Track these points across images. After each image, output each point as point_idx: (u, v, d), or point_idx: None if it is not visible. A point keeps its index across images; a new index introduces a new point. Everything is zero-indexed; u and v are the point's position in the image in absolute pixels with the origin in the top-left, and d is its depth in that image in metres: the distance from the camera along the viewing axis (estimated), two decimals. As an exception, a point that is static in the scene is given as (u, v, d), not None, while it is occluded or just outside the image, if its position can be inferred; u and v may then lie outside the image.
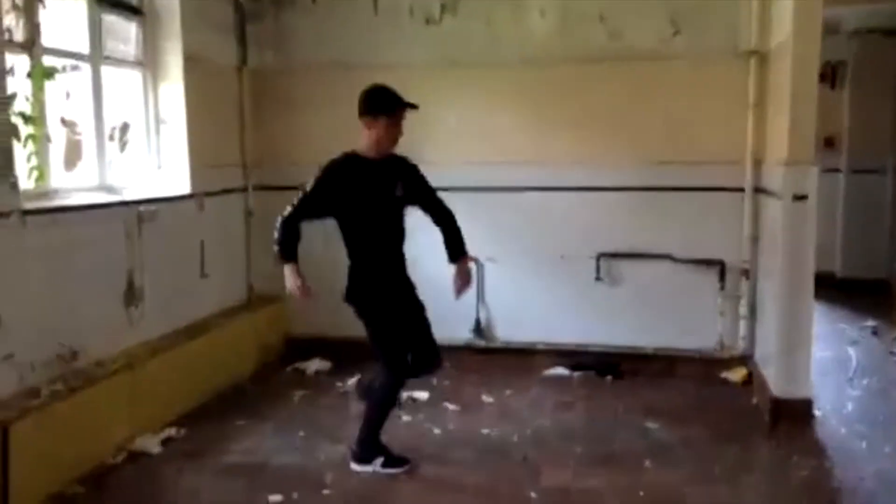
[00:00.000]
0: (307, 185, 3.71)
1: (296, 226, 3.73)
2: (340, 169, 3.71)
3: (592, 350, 5.49)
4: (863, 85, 8.17)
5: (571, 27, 5.36)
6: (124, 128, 4.84)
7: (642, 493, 3.64)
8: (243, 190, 5.79)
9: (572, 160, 5.45)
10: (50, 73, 4.17)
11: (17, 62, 3.90)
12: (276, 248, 3.76)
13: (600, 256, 5.44)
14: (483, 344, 5.66)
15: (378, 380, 3.87)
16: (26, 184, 3.93)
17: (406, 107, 3.69)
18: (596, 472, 3.86)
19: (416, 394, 4.97)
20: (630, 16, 5.28)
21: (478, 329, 5.64)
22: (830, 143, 8.23)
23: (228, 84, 5.66)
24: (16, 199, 3.65)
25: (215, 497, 3.66)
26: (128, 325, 4.47)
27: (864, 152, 8.22)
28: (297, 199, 3.73)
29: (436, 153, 5.36)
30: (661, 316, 5.41)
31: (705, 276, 5.33)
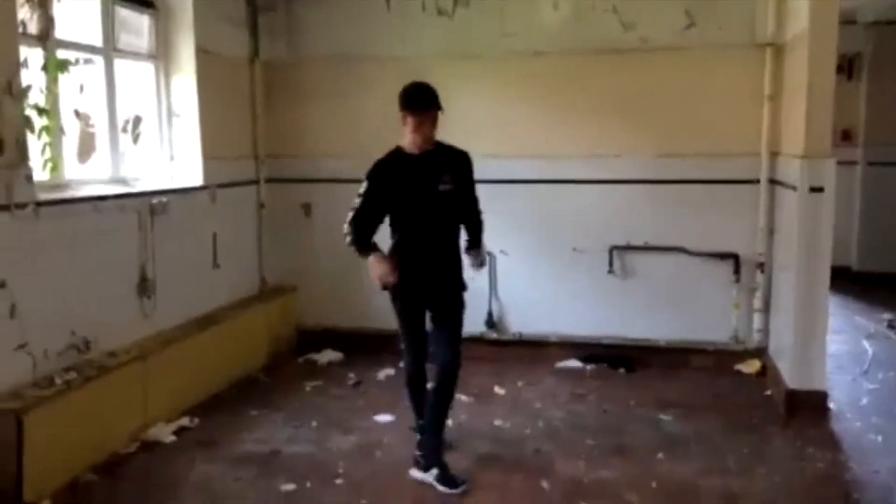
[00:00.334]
0: (360, 188, 3.69)
1: (360, 225, 3.66)
2: (384, 167, 3.70)
3: (605, 342, 5.48)
4: (880, 77, 8.09)
5: (584, 18, 5.33)
6: (137, 120, 4.86)
7: (655, 484, 3.62)
8: (255, 182, 5.81)
9: (584, 153, 5.43)
10: (64, 65, 4.19)
11: (32, 55, 3.92)
12: (352, 250, 3.67)
13: (613, 249, 5.42)
14: (496, 336, 5.65)
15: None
16: (41, 175, 3.96)
17: (420, 109, 3.58)
18: (608, 464, 3.85)
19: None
20: (644, 7, 5.25)
21: (490, 321, 5.63)
22: (847, 136, 8.16)
23: (240, 76, 5.68)
24: (30, 191, 3.68)
25: (228, 486, 3.68)
26: (141, 316, 4.50)
27: (880, 145, 8.14)
28: (354, 202, 3.69)
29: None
30: (675, 309, 5.39)
31: (720, 269, 5.29)
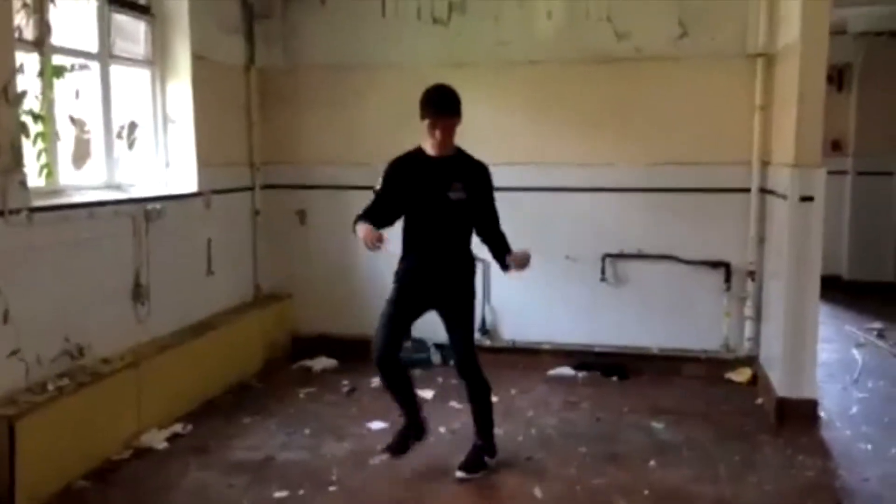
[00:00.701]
0: (377, 184, 3.75)
1: (373, 213, 3.70)
2: (400, 164, 3.75)
3: (597, 350, 5.50)
4: (870, 87, 8.17)
5: (579, 28, 5.37)
6: (132, 126, 4.86)
7: (647, 492, 3.64)
8: (250, 189, 5.82)
9: (578, 160, 5.46)
10: (60, 71, 4.21)
11: (28, 60, 3.93)
12: (355, 233, 3.66)
13: (606, 257, 5.45)
14: (489, 343, 5.66)
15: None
16: (36, 181, 3.96)
17: (451, 113, 3.61)
18: (601, 472, 3.87)
19: (421, 392, 4.97)
20: (638, 17, 5.29)
21: (484, 328, 5.65)
22: (837, 146, 8.22)
23: (236, 83, 5.69)
24: (25, 197, 3.67)
25: (221, 493, 3.67)
26: (135, 322, 4.50)
27: (870, 155, 8.21)
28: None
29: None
30: (667, 317, 5.42)
31: (711, 277, 5.33)
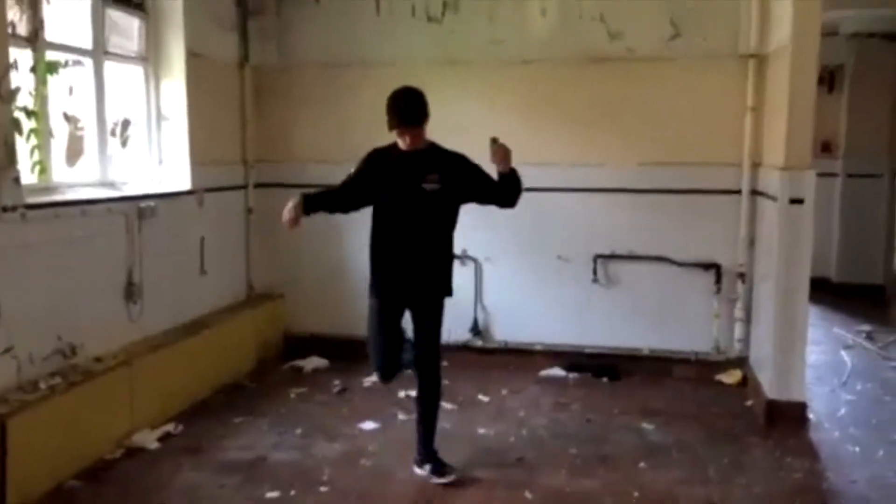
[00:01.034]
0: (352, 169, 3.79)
1: (330, 193, 3.75)
2: (375, 156, 3.77)
3: (589, 351, 5.52)
4: (861, 89, 8.20)
5: (572, 27, 5.39)
6: (126, 123, 4.85)
7: (637, 493, 3.67)
8: (244, 187, 5.81)
9: (569, 161, 5.47)
10: (53, 67, 4.19)
11: (21, 56, 3.91)
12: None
13: (597, 258, 5.47)
14: (480, 344, 5.68)
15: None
16: (29, 178, 3.95)
17: (413, 125, 3.59)
18: (591, 473, 3.89)
19: (413, 392, 4.97)
20: (631, 17, 5.31)
21: (475, 329, 5.66)
22: (827, 148, 8.26)
23: (230, 81, 5.68)
24: (18, 194, 3.66)
25: (213, 493, 3.68)
26: (127, 321, 4.49)
27: (860, 157, 8.25)
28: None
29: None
30: (658, 318, 5.44)
31: (701, 279, 5.36)
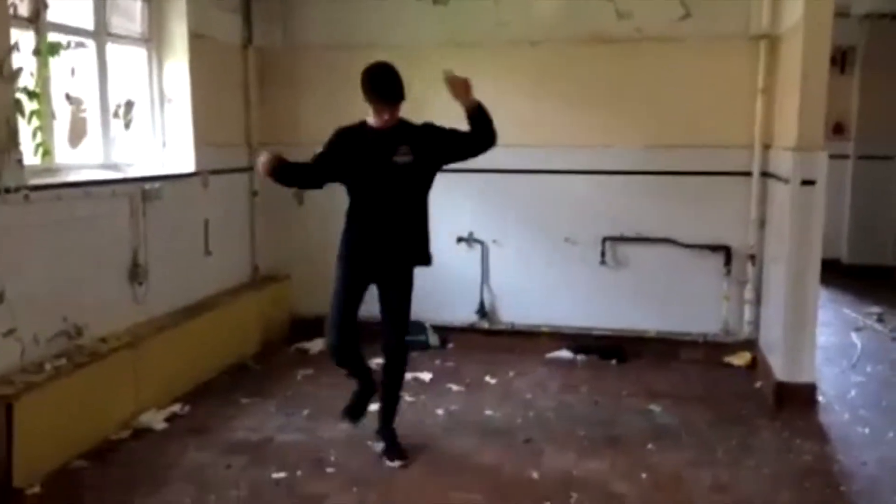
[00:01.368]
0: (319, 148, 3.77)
1: (306, 167, 3.75)
2: (346, 133, 3.75)
3: (596, 333, 5.49)
4: (873, 70, 8.09)
5: (579, 7, 5.31)
6: (129, 105, 4.82)
7: (644, 475, 3.65)
8: (248, 169, 5.78)
9: (577, 143, 5.42)
10: (55, 49, 4.15)
11: (23, 38, 3.88)
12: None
13: (605, 240, 5.42)
14: (487, 326, 5.66)
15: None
16: (31, 160, 3.93)
17: (393, 101, 3.59)
18: (599, 455, 3.87)
19: (419, 374, 4.98)
20: (639, -4, 5.23)
21: (482, 311, 5.64)
22: (839, 129, 8.17)
23: (234, 62, 5.64)
24: (21, 175, 3.65)
25: (219, 474, 3.68)
26: (132, 303, 4.49)
27: (872, 139, 8.16)
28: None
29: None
30: (666, 300, 5.41)
31: (710, 261, 5.31)
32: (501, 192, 5.56)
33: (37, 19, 3.96)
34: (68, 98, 4.35)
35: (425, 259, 3.86)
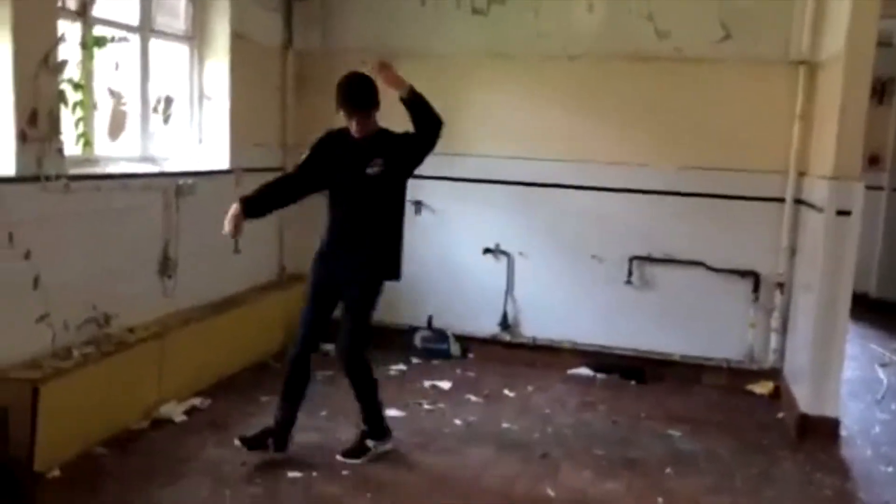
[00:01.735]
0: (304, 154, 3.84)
1: (281, 183, 3.82)
2: (326, 140, 3.81)
3: (618, 352, 5.46)
4: (912, 102, 7.97)
5: (619, 24, 5.30)
6: (168, 101, 4.88)
7: (661, 499, 3.61)
8: (281, 169, 5.81)
9: (610, 160, 5.40)
10: (101, 42, 4.23)
11: (70, 30, 3.95)
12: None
13: (633, 259, 5.39)
14: (509, 338, 5.65)
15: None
16: (72, 150, 4.00)
17: (362, 109, 3.64)
18: (616, 475, 3.84)
19: (439, 383, 4.99)
20: (680, 16, 5.20)
21: (505, 323, 5.63)
22: (874, 161, 8.03)
23: (273, 64, 5.70)
24: (61, 164, 3.72)
25: (235, 469, 3.70)
26: (161, 295, 4.54)
27: (909, 171, 8.02)
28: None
29: (474, 144, 5.40)
30: (691, 323, 5.35)
31: (739, 286, 5.25)
32: (530, 205, 5.55)
33: (84, 13, 4.04)
34: (110, 91, 4.43)
35: (392, 273, 3.81)
